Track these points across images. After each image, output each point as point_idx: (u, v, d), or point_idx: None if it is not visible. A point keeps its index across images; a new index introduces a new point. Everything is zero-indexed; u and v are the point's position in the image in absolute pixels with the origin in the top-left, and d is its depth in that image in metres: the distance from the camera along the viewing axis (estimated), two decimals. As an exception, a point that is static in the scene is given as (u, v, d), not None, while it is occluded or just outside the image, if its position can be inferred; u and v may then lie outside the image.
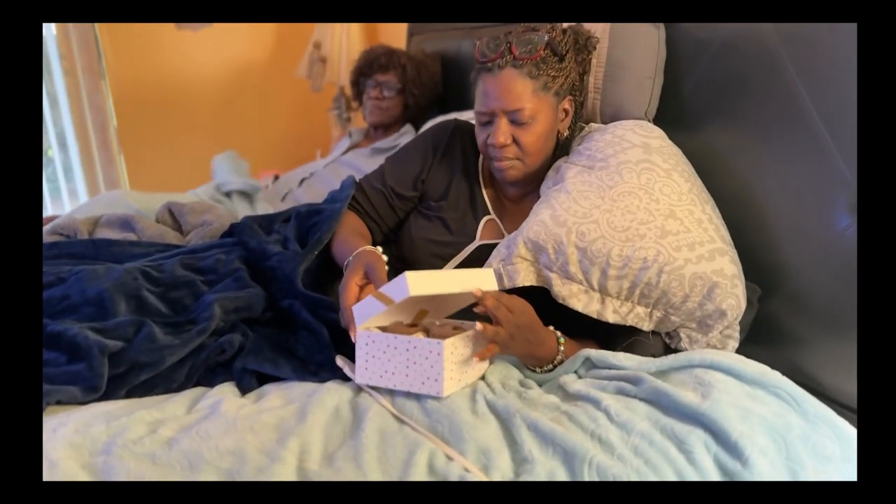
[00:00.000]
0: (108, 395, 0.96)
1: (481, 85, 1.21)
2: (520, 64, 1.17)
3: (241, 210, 2.08)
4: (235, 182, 2.19)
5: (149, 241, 1.52)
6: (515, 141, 1.20)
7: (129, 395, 0.98)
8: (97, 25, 2.88)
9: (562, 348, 1.08)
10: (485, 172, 1.37)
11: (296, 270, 1.18)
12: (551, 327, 1.09)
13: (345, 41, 3.14)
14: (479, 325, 0.98)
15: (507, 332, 0.99)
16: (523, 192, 1.33)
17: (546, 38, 1.18)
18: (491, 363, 1.07)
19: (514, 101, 1.17)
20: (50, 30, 2.83)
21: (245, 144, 3.42)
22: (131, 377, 0.99)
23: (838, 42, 1.05)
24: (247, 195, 2.17)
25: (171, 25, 3.06)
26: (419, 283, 0.92)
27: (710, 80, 1.32)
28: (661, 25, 1.38)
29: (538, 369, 1.08)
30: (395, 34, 3.06)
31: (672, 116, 1.37)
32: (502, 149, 1.21)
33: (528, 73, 1.17)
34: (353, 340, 0.99)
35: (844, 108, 1.04)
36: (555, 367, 1.08)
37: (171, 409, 0.92)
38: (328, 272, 1.28)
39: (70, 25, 2.79)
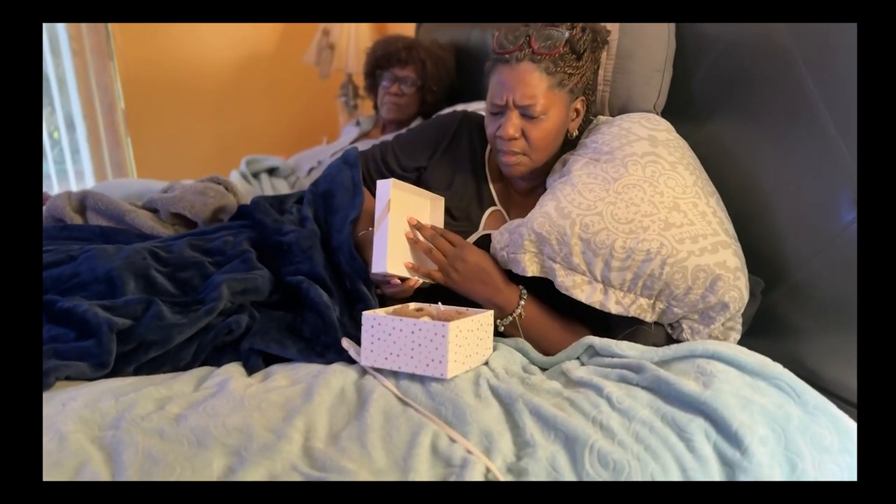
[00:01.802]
0: (116, 373, 0.97)
1: (496, 76, 1.20)
2: (538, 59, 1.16)
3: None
4: (270, 159, 2.18)
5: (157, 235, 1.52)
6: (524, 135, 1.20)
7: (136, 373, 0.99)
8: (106, 7, 2.89)
9: (522, 302, 1.16)
10: (491, 165, 1.37)
11: (315, 247, 1.21)
12: (521, 287, 1.18)
13: (353, 28, 3.14)
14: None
15: (447, 262, 1.15)
16: (532, 186, 1.33)
17: (566, 34, 1.17)
18: (495, 350, 1.08)
19: (528, 96, 1.17)
20: (59, 10, 2.83)
21: (252, 130, 3.43)
22: (139, 355, 1.00)
23: (848, 37, 1.05)
24: (278, 176, 2.17)
25: (179, 9, 3.06)
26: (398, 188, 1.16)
27: (719, 73, 1.32)
28: (671, 18, 1.38)
29: (499, 321, 1.17)
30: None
31: (679, 108, 1.38)
32: (510, 142, 1.20)
33: (545, 68, 1.17)
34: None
35: (852, 102, 1.04)
36: (513, 319, 1.16)
37: (178, 386, 0.94)
38: None
39: (79, 6, 2.80)
